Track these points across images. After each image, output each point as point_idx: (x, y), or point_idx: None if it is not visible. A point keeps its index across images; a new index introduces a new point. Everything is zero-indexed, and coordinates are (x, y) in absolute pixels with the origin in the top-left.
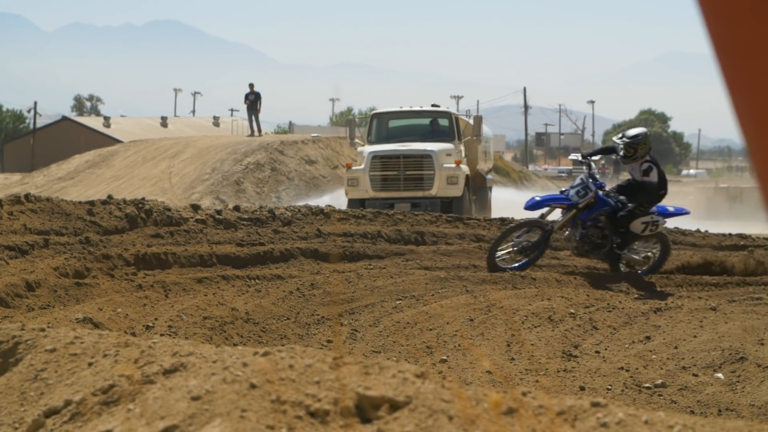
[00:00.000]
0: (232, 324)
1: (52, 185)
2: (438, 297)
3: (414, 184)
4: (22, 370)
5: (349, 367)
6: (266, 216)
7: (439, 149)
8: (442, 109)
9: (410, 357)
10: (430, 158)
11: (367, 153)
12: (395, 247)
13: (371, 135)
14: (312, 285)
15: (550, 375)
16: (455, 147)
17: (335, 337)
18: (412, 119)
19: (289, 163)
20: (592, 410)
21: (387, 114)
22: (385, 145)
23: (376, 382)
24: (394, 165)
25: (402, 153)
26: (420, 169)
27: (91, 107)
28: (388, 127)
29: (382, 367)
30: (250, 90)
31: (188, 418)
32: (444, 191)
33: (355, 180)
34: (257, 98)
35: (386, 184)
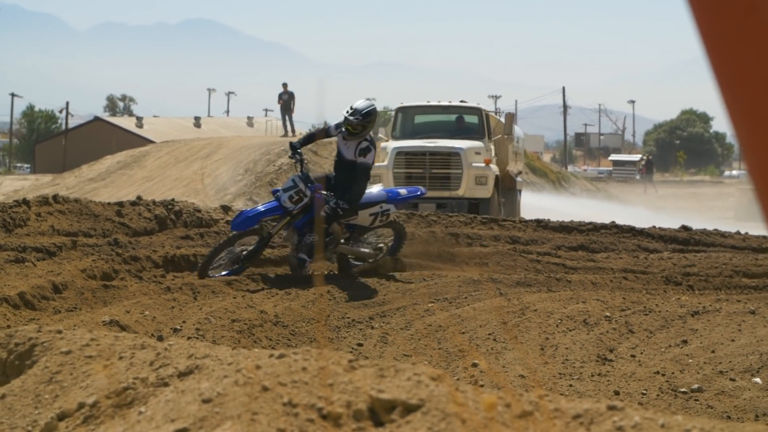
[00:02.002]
0: (261, 327)
1: (83, 186)
2: (471, 300)
3: (440, 183)
4: (37, 372)
5: (364, 369)
6: None
7: (468, 147)
8: (471, 104)
9: (442, 361)
10: (458, 156)
11: (391, 148)
12: None
13: (396, 130)
14: (343, 287)
15: (584, 379)
16: (484, 145)
17: (366, 341)
18: (440, 115)
19: (324, 164)
20: (608, 414)
21: (413, 108)
22: (411, 140)
23: (390, 385)
24: (419, 162)
25: (428, 149)
26: (447, 167)
27: (123, 107)
28: (413, 123)
29: (398, 370)
30: (284, 89)
31: (199, 420)
32: (472, 192)
33: (377, 177)
34: (291, 98)
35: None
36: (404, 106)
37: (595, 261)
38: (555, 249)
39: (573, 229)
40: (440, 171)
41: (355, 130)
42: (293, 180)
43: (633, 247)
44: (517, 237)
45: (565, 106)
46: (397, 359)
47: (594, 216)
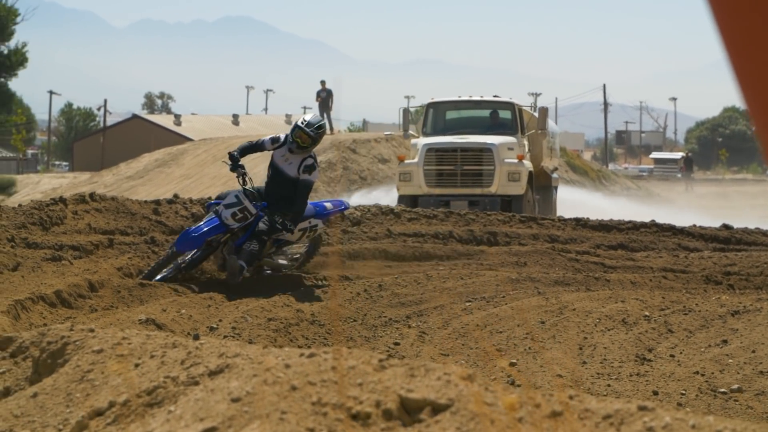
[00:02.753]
0: (297, 326)
1: (121, 184)
2: (509, 299)
3: (472, 180)
4: (69, 371)
5: (394, 369)
6: (335, 216)
7: (500, 142)
8: (504, 99)
9: (479, 360)
10: (490, 152)
11: (422, 145)
12: (466, 247)
13: (427, 126)
14: (380, 286)
15: (623, 379)
16: (518, 141)
17: (403, 340)
18: (472, 110)
19: (362, 162)
20: (638, 414)
21: (444, 104)
22: (442, 137)
23: (420, 385)
24: (450, 159)
25: (459, 146)
26: (479, 163)
27: (161, 105)
28: (445, 119)
29: (428, 370)
30: (322, 87)
31: (227, 420)
32: (504, 188)
33: (407, 174)
34: (329, 95)
35: (441, 180)
36: (435, 101)
37: (634, 260)
38: (594, 248)
39: (612, 227)
40: (472, 167)
41: (305, 143)
42: (236, 196)
43: (673, 245)
44: (556, 236)
45: (605, 104)
46: (434, 358)
47: (634, 215)
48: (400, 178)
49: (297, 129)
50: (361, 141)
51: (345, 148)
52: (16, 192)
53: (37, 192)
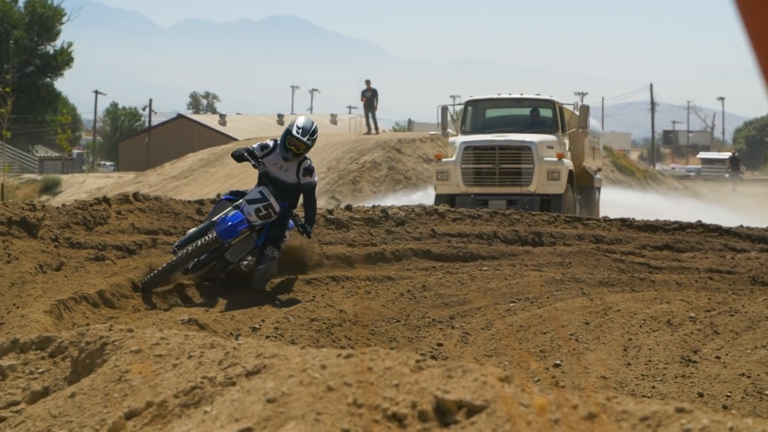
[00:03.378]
0: (340, 326)
1: (166, 184)
2: (553, 299)
3: (510, 178)
4: (107, 371)
5: (431, 370)
6: (379, 216)
7: (540, 141)
8: (544, 97)
9: (522, 361)
10: (529, 150)
11: (459, 143)
12: (511, 248)
13: (465, 124)
14: (423, 287)
15: (668, 381)
16: (558, 139)
17: (446, 341)
18: (512, 108)
19: (407, 162)
20: (676, 416)
21: (483, 101)
22: (480, 135)
23: (456, 386)
24: (488, 157)
25: (498, 144)
26: (518, 162)
27: (207, 105)
28: (484, 117)
29: (465, 371)
30: (367, 87)
31: (263, 420)
32: (544, 187)
33: (445, 173)
34: (374, 95)
35: (479, 179)
36: (474, 99)
37: (680, 261)
38: (639, 248)
39: (658, 228)
40: (511, 166)
41: (299, 150)
42: (261, 192)
43: (720, 246)
44: (601, 236)
45: (653, 103)
46: (477, 359)
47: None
48: (437, 177)
49: (289, 136)
50: (406, 141)
51: (390, 147)
52: (61, 192)
53: (82, 192)
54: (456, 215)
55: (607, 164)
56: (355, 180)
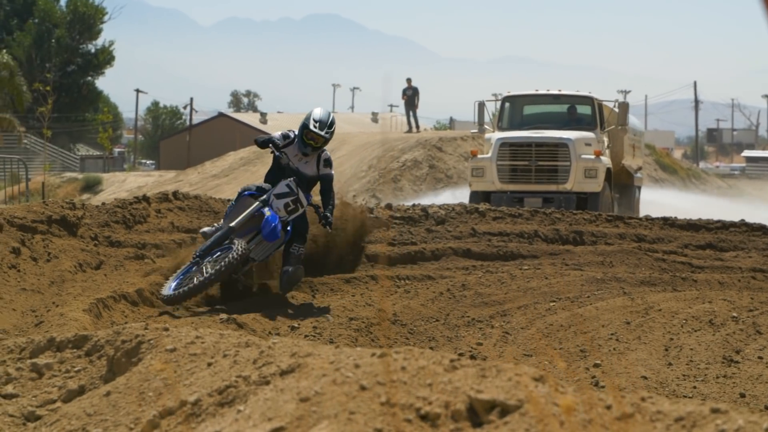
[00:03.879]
0: (379, 325)
1: (206, 183)
2: (593, 299)
3: (547, 176)
4: (142, 369)
5: (465, 369)
6: (419, 215)
7: (577, 138)
8: (582, 93)
9: (563, 361)
10: (566, 147)
11: (495, 140)
12: (552, 246)
13: (502, 121)
14: (463, 286)
15: (709, 381)
16: (596, 136)
17: (486, 340)
18: (550, 105)
19: (448, 160)
20: (711, 417)
21: (521, 97)
22: (516, 131)
23: (490, 386)
24: (524, 154)
25: (534, 140)
26: (554, 159)
27: (247, 103)
28: (522, 114)
29: (499, 370)
30: (408, 85)
31: (296, 419)
32: (580, 185)
33: (480, 170)
34: (415, 93)
35: (515, 176)
36: (511, 95)
37: (722, 260)
38: (681, 247)
39: (701, 227)
40: (547, 163)
41: (318, 144)
42: (289, 186)
43: (763, 245)
44: (643, 235)
45: (696, 101)
46: (517, 359)
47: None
48: (472, 174)
49: (307, 131)
50: (447, 139)
51: (431, 146)
52: (102, 190)
53: (122, 190)
54: (497, 214)
55: (649, 163)
56: (396, 179)
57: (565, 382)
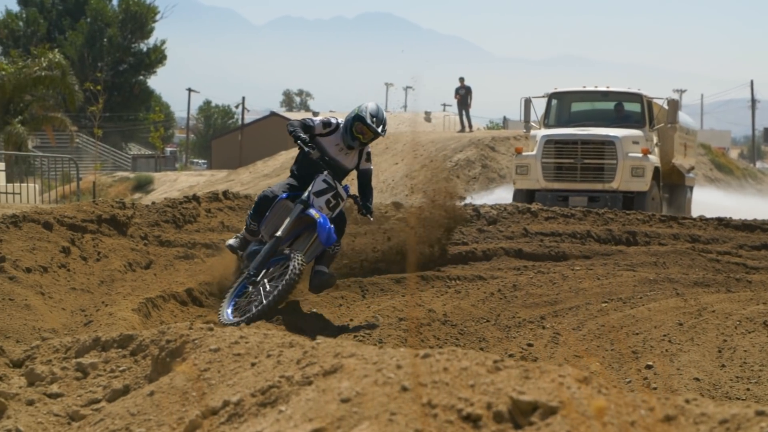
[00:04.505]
0: (429, 326)
1: (258, 182)
2: (646, 300)
3: (593, 174)
4: (186, 369)
5: (508, 370)
6: (471, 214)
7: (624, 135)
8: (631, 90)
9: (614, 362)
10: (612, 145)
11: (540, 137)
12: (604, 247)
13: (549, 117)
14: (514, 286)
15: (763, 383)
16: (644, 134)
17: (536, 341)
18: (598, 102)
19: (501, 160)
20: (756, 419)
21: (568, 94)
22: (562, 128)
23: (533, 387)
24: (570, 151)
25: (580, 138)
26: (600, 157)
27: (300, 102)
28: (570, 111)
29: (543, 371)
30: (461, 84)
31: (336, 420)
32: (627, 184)
33: (524, 167)
34: (468, 92)
35: (560, 174)
36: (558, 91)
37: None
38: (736, 248)
39: (756, 227)
40: (593, 161)
41: (366, 140)
42: (325, 181)
43: None
44: (697, 235)
45: (753, 100)
46: (568, 360)
47: None
48: (516, 171)
49: (360, 124)
50: (500, 138)
51: (484, 146)
52: (154, 190)
53: (174, 190)
54: (549, 214)
55: (704, 162)
56: (448, 179)
57: (614, 383)
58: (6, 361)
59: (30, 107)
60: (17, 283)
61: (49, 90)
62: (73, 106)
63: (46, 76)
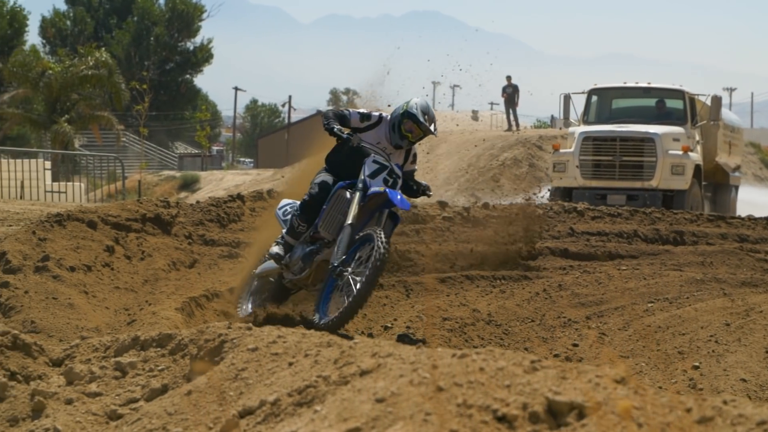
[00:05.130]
0: (473, 326)
1: None
2: (693, 300)
3: (631, 172)
4: (224, 369)
5: (545, 371)
6: (516, 214)
7: (664, 132)
8: (672, 86)
9: (660, 363)
10: (651, 142)
11: (578, 133)
12: (651, 246)
13: (588, 114)
14: (560, 286)
15: None
16: (685, 131)
17: (582, 341)
18: (639, 98)
19: (548, 159)
20: None
21: (608, 90)
22: (600, 125)
23: (569, 387)
24: (608, 149)
25: (619, 135)
26: (639, 154)
27: (346, 101)
28: (610, 107)
29: (580, 372)
30: (508, 83)
31: (371, 420)
32: (666, 182)
33: (562, 165)
34: (515, 91)
35: (598, 172)
36: (598, 87)
37: None
38: None
39: None
40: (632, 159)
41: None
42: (376, 161)
43: None
44: (746, 235)
45: None
46: (613, 360)
47: None
48: (553, 169)
49: (410, 122)
50: (548, 137)
51: (531, 144)
52: (200, 189)
53: (219, 189)
54: (595, 213)
55: (754, 162)
56: (496, 177)
57: (659, 384)
58: (46, 360)
59: (77, 106)
60: (61, 282)
61: (96, 89)
62: (120, 105)
63: (93, 75)
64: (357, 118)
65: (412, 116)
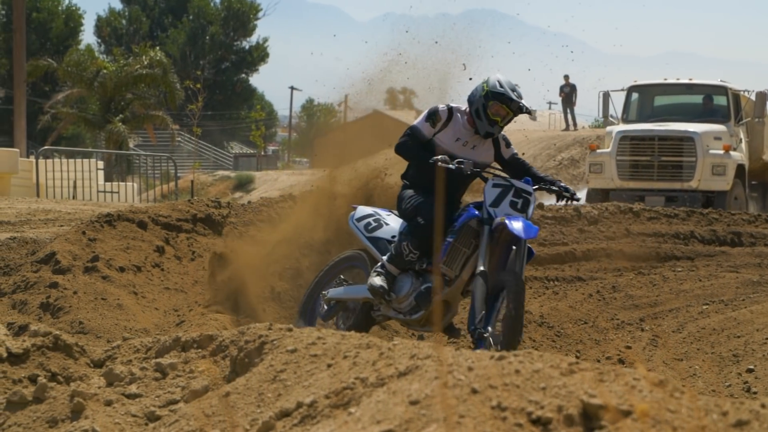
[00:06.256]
0: (525, 327)
1: None
2: (748, 302)
3: (670, 173)
4: (262, 370)
5: (583, 373)
6: (571, 214)
7: (704, 131)
8: (715, 82)
9: (714, 366)
10: (691, 141)
11: (616, 133)
12: (707, 248)
13: (628, 112)
14: (614, 288)
15: None
16: (728, 130)
17: (634, 344)
18: (681, 95)
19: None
20: None
21: (649, 87)
22: (640, 124)
23: (605, 390)
24: (647, 148)
25: (657, 134)
26: (679, 154)
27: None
28: (652, 105)
29: (618, 374)
30: (566, 82)
31: (404, 422)
32: (707, 183)
33: (598, 165)
34: (573, 90)
35: (636, 172)
36: (638, 84)
37: None
38: None
39: None
40: (671, 159)
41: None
42: (495, 185)
43: None
44: None
45: None
46: (666, 363)
47: None
48: (590, 169)
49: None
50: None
51: (588, 144)
52: (255, 189)
53: (274, 189)
54: (651, 214)
55: None
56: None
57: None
58: (87, 361)
59: (131, 105)
60: (110, 283)
61: (151, 88)
62: (174, 104)
63: (148, 74)
64: (428, 126)
65: (498, 96)
